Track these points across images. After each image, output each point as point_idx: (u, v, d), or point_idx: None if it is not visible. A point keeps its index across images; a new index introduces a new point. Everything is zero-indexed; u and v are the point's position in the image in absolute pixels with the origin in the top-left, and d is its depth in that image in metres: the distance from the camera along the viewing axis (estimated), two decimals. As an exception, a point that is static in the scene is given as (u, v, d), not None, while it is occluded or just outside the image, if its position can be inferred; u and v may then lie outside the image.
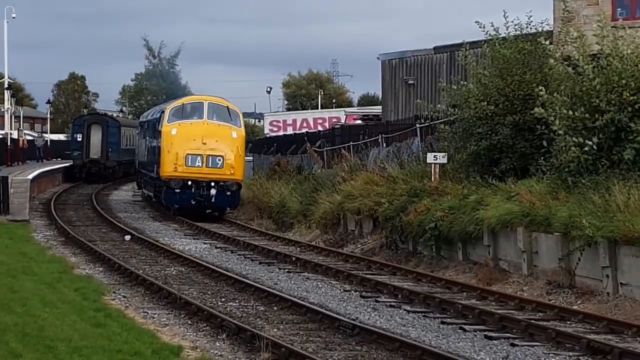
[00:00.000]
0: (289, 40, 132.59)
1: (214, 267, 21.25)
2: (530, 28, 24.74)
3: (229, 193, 33.26)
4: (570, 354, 13.26)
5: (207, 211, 33.75)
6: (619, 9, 25.43)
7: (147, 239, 26.86)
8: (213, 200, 33.01)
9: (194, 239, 28.28)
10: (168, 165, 33.28)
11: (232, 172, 33.13)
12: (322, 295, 18.29)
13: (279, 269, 21.93)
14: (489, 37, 24.64)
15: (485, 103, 23.44)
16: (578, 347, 13.54)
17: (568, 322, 15.53)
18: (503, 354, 13.13)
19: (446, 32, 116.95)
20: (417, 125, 30.56)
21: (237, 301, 17.42)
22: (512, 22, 24.52)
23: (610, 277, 17.43)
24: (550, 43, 23.49)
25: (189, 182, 32.85)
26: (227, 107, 34.78)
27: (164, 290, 17.84)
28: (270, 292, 17.88)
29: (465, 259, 22.01)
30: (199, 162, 32.95)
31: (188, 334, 14.38)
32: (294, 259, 22.83)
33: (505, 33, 24.58)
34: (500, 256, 20.97)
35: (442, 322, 15.54)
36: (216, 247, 25.98)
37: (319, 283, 19.86)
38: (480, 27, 24.60)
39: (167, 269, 21.58)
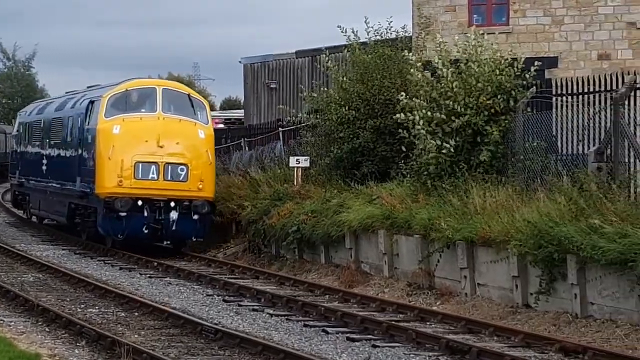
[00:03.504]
0: (153, 43, 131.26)
1: (72, 273, 20.87)
2: (391, 33, 25.19)
3: (196, 217, 23.72)
4: (430, 354, 13.49)
5: (165, 242, 24.65)
6: (475, 16, 26.10)
7: (3, 245, 26.15)
8: (174, 227, 23.53)
9: (52, 244, 27.68)
10: (108, 178, 23.67)
11: (200, 186, 23.93)
12: (184, 300, 18.16)
13: (140, 274, 21.69)
14: (349, 42, 24.98)
15: (347, 108, 23.72)
16: (437, 347, 13.78)
17: (428, 323, 15.78)
18: (365, 355, 13.27)
19: (310, 38, 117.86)
20: (280, 129, 30.69)
21: (97, 307, 17.14)
22: (373, 27, 24.96)
23: (468, 278, 17.83)
24: (410, 49, 23.94)
25: (139, 203, 23.45)
26: (189, 96, 25.39)
27: (20, 297, 17.43)
28: (131, 298, 17.67)
29: (328, 261, 22.20)
30: (153, 173, 23.59)
31: (46, 341, 14.08)
32: (155, 264, 22.61)
33: (366, 38, 24.97)
34: (362, 259, 21.22)
35: (305, 325, 15.62)
36: (75, 253, 25.50)
37: (181, 288, 19.71)
38: (342, 31, 24.95)
39: (24, 275, 21.09)
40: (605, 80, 18.20)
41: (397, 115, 21.06)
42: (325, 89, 25.21)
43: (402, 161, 21.73)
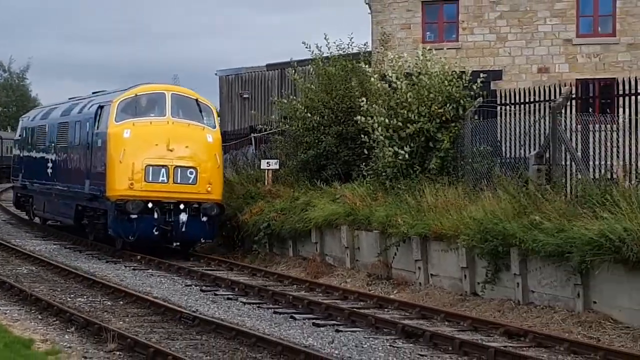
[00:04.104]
0: (136, 56, 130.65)
1: (63, 266, 20.71)
2: (352, 48, 25.29)
3: (205, 219, 22.21)
4: (388, 337, 13.51)
5: (175, 244, 22.82)
6: (428, 33, 26.25)
7: (-1, 241, 25.96)
8: (183, 229, 22.03)
9: (44, 240, 27.46)
10: (119, 180, 22.15)
11: (209, 189, 22.43)
12: (165, 290, 18.08)
13: (125, 266, 21.56)
14: (314, 57, 25.06)
15: (312, 115, 23.75)
16: (394, 331, 13.80)
17: (386, 310, 15.81)
18: (329, 340, 13.27)
19: (279, 51, 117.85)
20: (252, 135, 30.65)
21: (85, 297, 17.03)
22: (334, 42, 25.12)
23: (422, 269, 17.89)
24: (370, 62, 24.02)
25: (150, 205, 21.86)
26: (197, 101, 23.67)
27: (15, 288, 17.27)
28: (117, 288, 17.57)
29: (296, 254, 22.21)
30: (163, 176, 22.07)
31: (39, 328, 13.96)
32: (138, 257, 22.47)
33: (329, 53, 25.04)
34: (327, 252, 21.24)
35: (275, 312, 15.60)
36: (65, 248, 25.30)
37: (162, 279, 19.63)
38: (306, 47, 25.06)
39: (19, 268, 20.89)
40: (545, 91, 18.32)
41: (358, 118, 21.11)
42: (294, 97, 25.26)
43: (363, 164, 21.79)
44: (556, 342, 12.67)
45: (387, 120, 20.31)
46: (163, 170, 22.04)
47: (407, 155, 19.95)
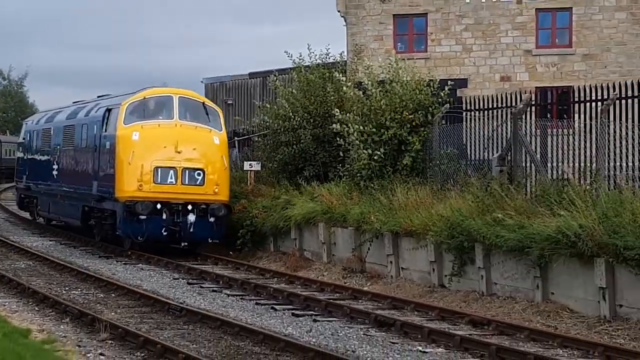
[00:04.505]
0: (128, 64, 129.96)
1: (58, 261, 20.60)
2: (329, 58, 25.34)
3: (212, 219, 21.19)
4: (362, 326, 13.52)
5: (183, 244, 21.52)
6: (399, 44, 26.32)
7: (-2, 237, 25.78)
8: (191, 229, 21.02)
9: (41, 237, 27.29)
10: (128, 182, 21.13)
11: (216, 190, 21.40)
12: (154, 283, 18.02)
13: (117, 261, 21.47)
14: (295, 65, 25.08)
15: (292, 117, 23.77)
16: (368, 321, 13.81)
17: (360, 301, 15.81)
18: (307, 329, 13.27)
19: (262, 60, 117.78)
20: (235, 139, 30.61)
21: (79, 290, 16.94)
22: (314, 52, 25.16)
23: (394, 263, 17.93)
24: (345, 71, 24.06)
25: (158, 206, 20.87)
26: (204, 104, 22.74)
27: (13, 281, 17.17)
28: (109, 281, 17.49)
29: (276, 250, 22.20)
30: (171, 177, 21.07)
31: (36, 319, 13.88)
32: (129, 252, 22.37)
33: (310, 62, 25.10)
34: (305, 247, 21.24)
35: (257, 303, 15.58)
36: (61, 244, 25.15)
37: (151, 273, 19.55)
38: (288, 56, 25.09)
39: (17, 263, 20.77)
40: (506, 98, 18.41)
41: (334, 126, 21.13)
42: (275, 102, 25.29)
43: (340, 165, 21.81)
44: (517, 330, 12.72)
45: (361, 127, 20.34)
46: (171, 171, 21.13)
47: (382, 156, 19.99)
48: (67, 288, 17.12)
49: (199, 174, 21.29)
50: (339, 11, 31.55)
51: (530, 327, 12.91)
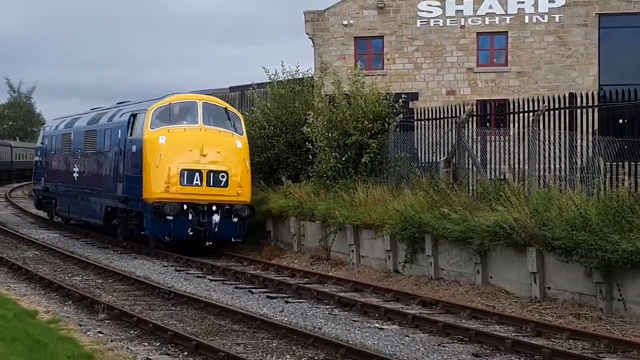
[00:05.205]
0: (121, 80, 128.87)
1: (62, 251, 20.39)
2: (299, 74, 25.32)
3: (235, 219, 19.61)
4: (327, 307, 13.52)
5: (207, 243, 19.71)
6: (359, 62, 26.32)
7: (10, 230, 25.41)
8: (216, 229, 19.45)
9: (47, 230, 26.99)
10: (155, 184, 19.44)
11: (239, 191, 19.76)
12: (146, 270, 17.89)
13: (113, 251, 21.27)
14: (270, 80, 25.07)
15: (268, 124, 23.75)
16: (332, 302, 13.81)
17: (325, 285, 15.81)
18: (280, 309, 13.25)
19: (241, 76, 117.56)
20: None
21: (80, 276, 16.79)
22: (285, 70, 25.16)
23: (355, 252, 17.94)
24: (313, 85, 24.07)
25: (185, 207, 19.26)
26: (226, 109, 20.95)
27: (22, 269, 16.98)
28: (106, 269, 17.34)
29: (254, 241, 22.09)
30: (197, 179, 19.42)
31: (42, 301, 13.74)
32: (124, 244, 22.19)
33: (283, 77, 25.09)
34: (279, 238, 21.20)
35: (236, 287, 15.53)
36: (64, 236, 24.89)
37: (143, 261, 19.39)
38: (265, 72, 25.14)
39: (26, 252, 20.53)
40: (452, 109, 18.49)
41: (304, 128, 21.12)
42: (254, 108, 25.25)
43: (309, 167, 21.78)
44: (461, 309, 12.78)
45: (328, 134, 20.34)
46: (197, 174, 19.43)
47: (345, 159, 20.00)
48: (69, 274, 16.95)
49: (222, 176, 19.67)
50: (307, 34, 31.59)
51: (472, 306, 12.98)
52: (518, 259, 13.65)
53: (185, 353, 10.02)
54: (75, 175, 25.17)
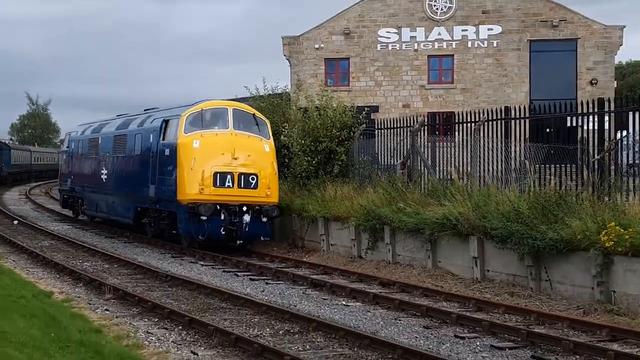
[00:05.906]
0: (124, 93, 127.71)
1: (74, 240, 20.15)
2: (277, 90, 25.29)
3: (265, 219, 18.07)
4: (301, 287, 13.51)
5: (238, 242, 18.03)
6: (329, 80, 26.42)
7: (29, 223, 25.07)
8: (247, 228, 17.88)
9: (61, 222, 26.65)
10: (190, 186, 17.81)
11: (268, 193, 18.10)
12: (146, 256, 17.73)
13: (118, 240, 21.06)
14: (252, 95, 25.02)
15: None
16: (306, 283, 13.79)
17: (300, 269, 15.77)
18: (261, 289, 13.20)
19: (228, 90, 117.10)
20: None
21: (90, 262, 16.60)
22: (266, 86, 25.15)
23: (325, 241, 17.93)
24: (290, 99, 24.04)
25: (217, 207, 17.68)
26: (254, 115, 19.15)
27: (40, 256, 16.77)
28: (112, 256, 17.16)
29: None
30: (229, 181, 17.79)
31: (57, 284, 13.58)
32: (128, 234, 21.99)
33: (264, 92, 25.05)
34: (260, 229, 21.05)
35: (224, 271, 15.45)
36: (76, 228, 24.60)
37: (144, 249, 19.23)
38: (247, 89, 25.08)
39: (43, 242, 20.27)
40: (407, 120, 18.57)
41: (282, 138, 21.09)
42: None
43: (286, 169, 21.74)
44: (414, 289, 12.83)
45: (302, 141, 20.34)
46: (229, 176, 17.76)
47: (317, 162, 20.00)
48: (80, 261, 16.77)
49: (252, 179, 17.98)
50: (285, 55, 31.53)
51: (424, 286, 13.02)
52: (462, 246, 13.74)
53: (180, 327, 9.98)
54: (104, 177, 23.40)
